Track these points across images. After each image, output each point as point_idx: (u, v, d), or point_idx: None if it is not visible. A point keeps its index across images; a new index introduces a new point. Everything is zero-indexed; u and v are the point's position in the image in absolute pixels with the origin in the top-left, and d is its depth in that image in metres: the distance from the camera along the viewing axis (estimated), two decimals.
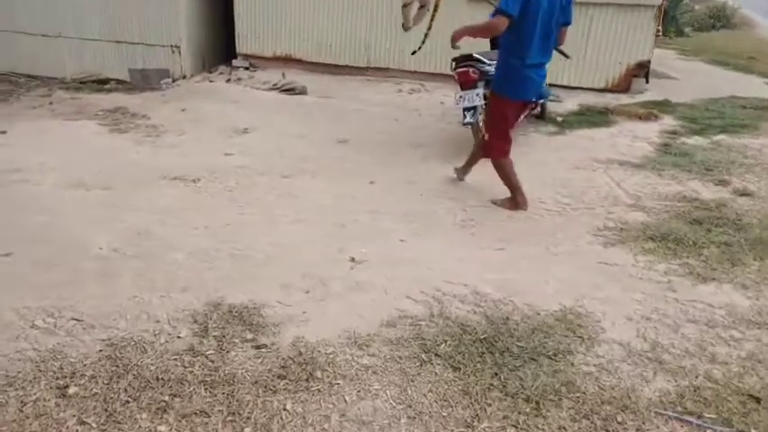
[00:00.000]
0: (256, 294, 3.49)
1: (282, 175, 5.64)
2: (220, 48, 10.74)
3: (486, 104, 5.55)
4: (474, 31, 4.66)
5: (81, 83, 10.37)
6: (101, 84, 10.28)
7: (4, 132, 6.51)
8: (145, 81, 10.27)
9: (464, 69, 5.80)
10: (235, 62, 10.32)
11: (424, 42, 5.93)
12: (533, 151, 6.30)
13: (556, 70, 8.24)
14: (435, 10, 5.66)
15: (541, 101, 6.92)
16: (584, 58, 8.44)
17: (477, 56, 5.81)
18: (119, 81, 10.45)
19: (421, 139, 6.71)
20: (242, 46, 10.17)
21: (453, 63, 5.98)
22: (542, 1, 4.38)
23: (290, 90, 8.66)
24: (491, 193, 5.20)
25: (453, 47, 4.72)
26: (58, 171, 5.38)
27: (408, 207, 4.96)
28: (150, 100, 8.46)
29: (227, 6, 10.14)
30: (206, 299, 3.45)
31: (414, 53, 6.42)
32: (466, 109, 5.82)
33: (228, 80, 9.76)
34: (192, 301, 3.41)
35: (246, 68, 10.19)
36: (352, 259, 3.98)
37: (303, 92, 8.68)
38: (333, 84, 9.27)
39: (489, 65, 5.84)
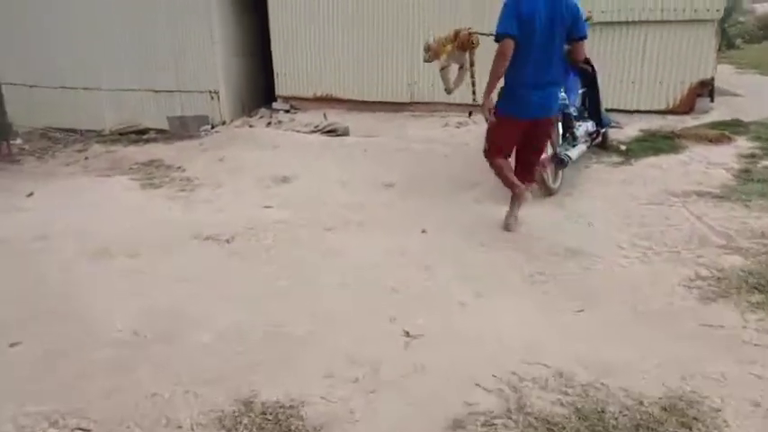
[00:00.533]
0: (295, 387, 2.89)
1: (325, 227, 5.08)
2: (260, 91, 10.42)
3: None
4: (493, 77, 4.43)
5: (120, 134, 10.20)
6: (140, 134, 10.08)
7: (31, 194, 6.15)
8: (183, 128, 9.97)
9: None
10: (275, 105, 9.95)
11: (475, 95, 5.52)
12: (599, 186, 5.60)
13: (612, 94, 7.58)
14: (472, 65, 5.47)
15: (603, 129, 6.23)
16: (640, 78, 7.73)
17: None
18: (158, 130, 10.22)
19: (474, 177, 6.06)
20: (281, 88, 9.79)
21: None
22: (537, 19, 4.22)
23: (331, 132, 8.19)
24: (555, 239, 4.54)
25: (489, 120, 4.66)
26: (82, 236, 4.94)
27: (467, 260, 4.33)
28: (187, 150, 8.09)
29: (265, 49, 9.81)
30: (236, 394, 2.87)
31: (470, 115, 6.29)
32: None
33: (269, 124, 9.37)
34: (220, 399, 2.84)
35: (287, 111, 9.80)
36: (407, 333, 3.36)
37: (345, 133, 8.19)
38: (376, 122, 8.76)
39: None
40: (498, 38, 4.31)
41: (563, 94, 5.42)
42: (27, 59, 10.84)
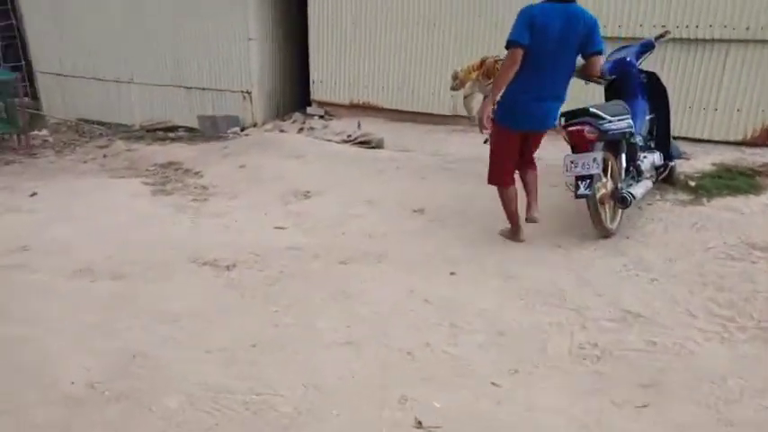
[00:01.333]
0: None
1: (340, 259, 4.34)
2: (297, 93, 9.75)
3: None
4: (499, 83, 4.26)
5: (148, 130, 9.68)
6: (168, 131, 9.55)
7: (34, 194, 5.58)
8: (214, 129, 9.39)
9: (578, 128, 4.35)
10: (309, 110, 9.26)
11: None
12: (665, 230, 4.71)
13: (679, 120, 6.65)
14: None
15: (672, 163, 5.34)
16: (714, 104, 6.76)
17: (594, 110, 4.36)
18: (188, 128, 9.68)
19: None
20: (317, 93, 9.11)
21: (562, 119, 4.55)
22: (550, 30, 4.08)
23: (364, 143, 7.45)
24: (612, 296, 3.71)
25: (483, 132, 4.63)
26: (68, 250, 4.33)
27: (503, 318, 3.53)
28: (209, 153, 7.46)
29: (303, 50, 9.15)
30: None
31: (486, 142, 5.43)
32: (579, 178, 4.36)
33: (301, 129, 8.69)
34: None
35: (321, 117, 9.10)
36: (419, 424, 2.59)
37: (379, 145, 7.45)
38: (414, 134, 7.98)
39: (610, 122, 4.38)
40: (509, 45, 4.15)
41: (629, 120, 4.57)
42: (62, 48, 10.45)
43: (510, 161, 4.58)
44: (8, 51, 11.17)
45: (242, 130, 9.28)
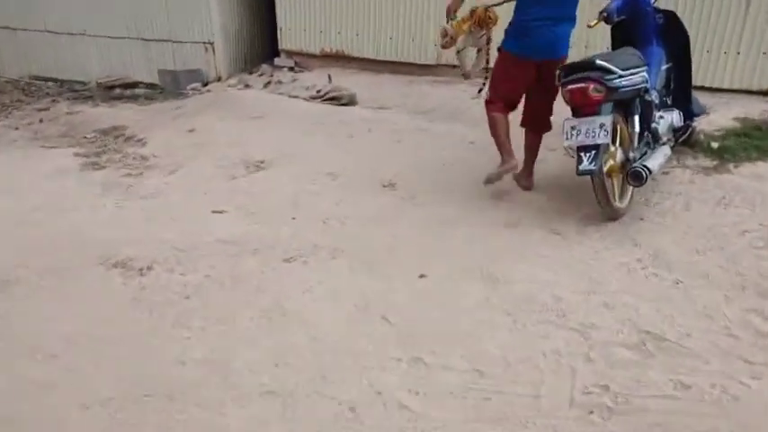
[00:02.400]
0: None
1: (284, 256, 3.40)
2: (266, 43, 8.59)
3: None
4: None
5: (106, 87, 8.57)
6: (127, 88, 8.45)
7: None
8: (175, 84, 8.29)
9: (580, 85, 3.33)
10: (277, 61, 8.14)
11: (486, 81, 4.61)
12: (687, 207, 3.74)
13: (695, 67, 5.57)
14: (489, 42, 4.74)
15: (693, 123, 4.33)
16: (737, 46, 5.66)
17: (601, 63, 3.33)
18: (149, 85, 8.57)
19: (505, 182, 4.28)
20: (285, 41, 7.96)
21: (560, 73, 3.52)
22: None
23: (334, 99, 6.40)
24: (625, 311, 2.78)
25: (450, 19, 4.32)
26: None
27: (483, 347, 2.61)
28: (160, 114, 6.43)
29: None
30: None
31: (480, 92, 4.86)
32: (582, 149, 3.37)
33: (268, 83, 7.59)
34: None
35: (291, 69, 7.99)
36: None
37: (351, 101, 6.39)
38: (392, 88, 6.91)
39: (621, 76, 3.36)
40: None
41: (644, 74, 3.55)
42: None
43: (508, 88, 4.04)
44: None
45: (205, 85, 8.19)
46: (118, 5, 8.40)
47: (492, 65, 4.65)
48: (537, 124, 4.10)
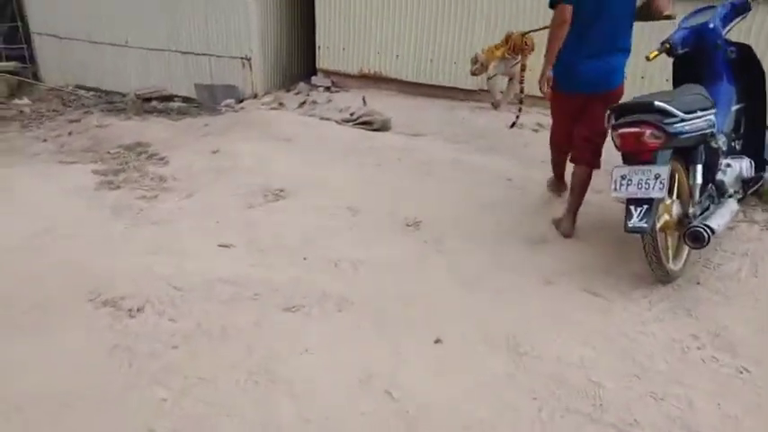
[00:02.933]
0: None
1: (286, 305, 3.02)
2: (305, 61, 8.35)
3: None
4: (551, 45, 3.55)
5: (145, 100, 8.44)
6: (164, 101, 8.30)
7: None
8: (212, 99, 8.11)
9: (634, 129, 2.88)
10: (314, 80, 7.87)
11: (522, 103, 5.10)
12: (755, 272, 3.22)
13: None
14: (524, 69, 4.91)
15: (765, 174, 3.78)
16: None
17: (660, 104, 2.87)
18: (185, 98, 8.41)
19: (546, 228, 3.84)
20: (323, 60, 7.69)
21: (611, 114, 3.07)
22: None
23: (366, 123, 6.04)
24: (693, 412, 2.30)
25: (543, 92, 3.68)
26: None
27: None
28: (187, 132, 6.18)
29: (311, 11, 7.69)
30: None
31: (513, 126, 5.28)
32: (633, 202, 2.91)
33: (303, 103, 7.32)
34: None
35: (327, 88, 7.70)
36: None
37: (384, 127, 6.03)
38: (429, 113, 6.53)
39: (683, 120, 2.89)
40: (552, 3, 3.53)
41: (711, 117, 3.06)
42: (57, 6, 9.22)
43: (561, 128, 3.91)
44: (5, 9, 10.02)
45: (240, 101, 7.98)
46: (159, 17, 8.29)
47: (525, 93, 4.84)
48: (583, 157, 3.72)
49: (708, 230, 2.88)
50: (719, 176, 3.27)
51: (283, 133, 5.82)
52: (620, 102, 3.40)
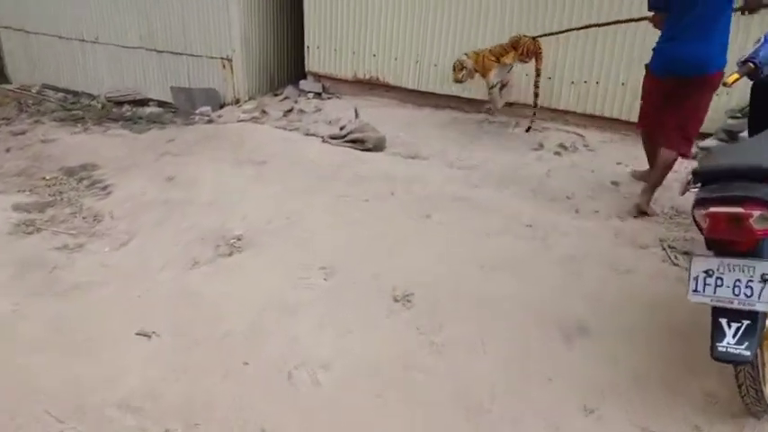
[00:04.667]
0: None
1: None
2: (296, 61, 7.29)
3: None
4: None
5: (117, 103, 7.45)
6: (138, 105, 7.30)
7: None
8: (189, 103, 7.07)
9: (732, 209, 1.84)
10: (303, 84, 6.82)
11: (536, 108, 4.93)
12: None
13: None
14: (539, 75, 4.82)
15: None
16: None
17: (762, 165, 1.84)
18: (161, 103, 7.39)
19: (585, 312, 2.81)
20: (312, 63, 6.63)
21: (691, 177, 2.03)
22: None
23: (357, 141, 5.00)
24: None
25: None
26: None
27: None
28: (148, 148, 5.16)
29: (302, 7, 6.63)
30: None
31: (528, 130, 4.99)
32: (724, 314, 1.88)
33: (289, 111, 6.29)
34: None
35: (318, 94, 6.66)
36: None
37: (378, 146, 4.98)
38: (432, 128, 5.49)
39: None
40: (650, 7, 3.68)
41: None
42: None
43: (648, 111, 3.78)
44: None
45: (222, 106, 6.95)
46: (131, 10, 7.24)
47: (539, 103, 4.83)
48: (672, 144, 3.63)
49: None
50: None
51: (257, 153, 4.79)
52: (706, 147, 2.38)
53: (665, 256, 3.29)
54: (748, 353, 1.83)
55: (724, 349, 1.86)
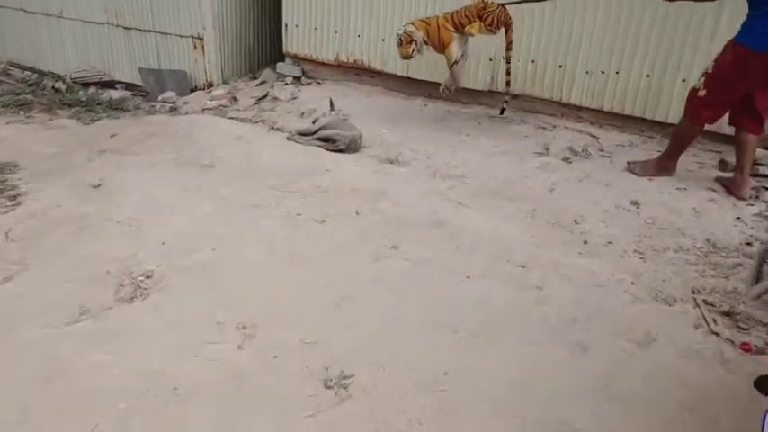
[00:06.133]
0: None
1: None
2: (276, 42, 6.40)
3: None
4: None
5: (84, 85, 6.66)
6: (105, 87, 6.51)
7: None
8: (159, 86, 6.24)
9: None
10: (279, 68, 5.94)
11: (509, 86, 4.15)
12: None
13: None
14: (510, 50, 4.10)
15: None
16: None
17: None
18: (130, 85, 6.58)
19: (585, 418, 1.96)
20: (290, 43, 5.75)
21: None
22: None
23: (327, 141, 4.14)
24: None
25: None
26: None
27: None
28: (85, 145, 4.34)
29: None
30: None
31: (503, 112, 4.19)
32: None
33: (262, 98, 5.45)
34: None
35: (298, 78, 5.79)
36: None
37: (352, 147, 4.10)
38: (420, 123, 4.61)
39: None
40: None
41: None
42: None
43: (726, 95, 3.27)
44: None
45: (193, 90, 6.12)
46: None
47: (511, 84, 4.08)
48: (750, 122, 3.32)
49: None
50: None
51: (205, 154, 3.96)
52: None
53: (700, 317, 2.42)
54: None
55: None
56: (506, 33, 4.15)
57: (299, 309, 2.45)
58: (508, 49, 4.19)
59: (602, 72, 4.28)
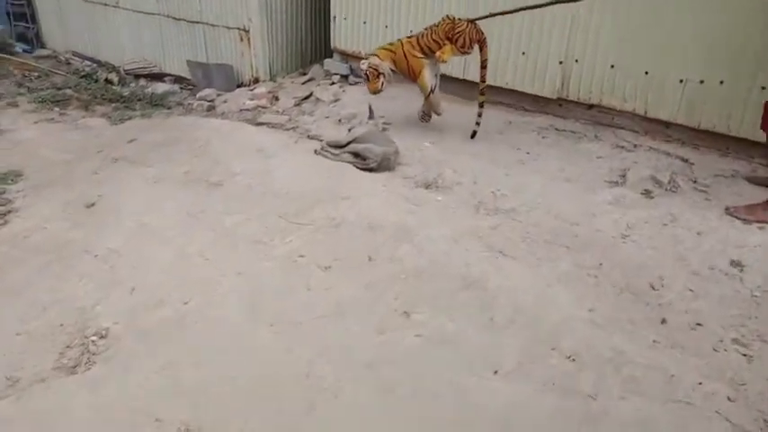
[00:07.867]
0: None
1: None
2: (327, 35, 5.79)
3: None
4: None
5: (136, 76, 6.35)
6: (154, 79, 6.17)
7: None
8: (206, 81, 5.82)
9: None
10: (327, 65, 5.32)
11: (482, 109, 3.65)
12: None
13: None
14: (485, 67, 3.62)
15: None
16: None
17: None
18: (178, 78, 6.20)
19: None
20: (338, 38, 5.12)
21: None
22: None
23: (357, 156, 3.48)
24: None
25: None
26: None
27: None
28: (97, 154, 3.90)
29: None
30: None
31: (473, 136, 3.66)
32: None
33: (305, 98, 4.86)
34: None
35: (345, 77, 5.15)
36: None
37: (384, 165, 3.41)
38: (468, 136, 3.86)
39: None
40: None
41: None
42: None
43: None
44: None
45: (239, 85, 5.62)
46: None
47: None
48: None
49: None
50: None
51: (221, 168, 3.40)
52: None
53: None
54: None
55: None
56: (481, 51, 3.61)
57: (261, 412, 1.83)
58: (483, 67, 3.62)
59: (701, 81, 3.35)
